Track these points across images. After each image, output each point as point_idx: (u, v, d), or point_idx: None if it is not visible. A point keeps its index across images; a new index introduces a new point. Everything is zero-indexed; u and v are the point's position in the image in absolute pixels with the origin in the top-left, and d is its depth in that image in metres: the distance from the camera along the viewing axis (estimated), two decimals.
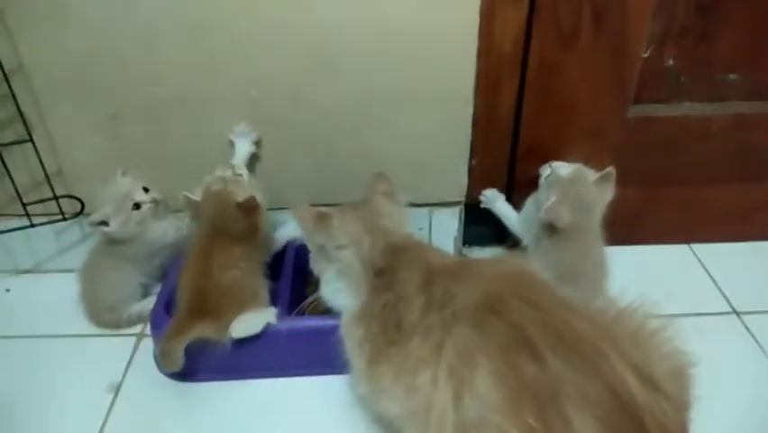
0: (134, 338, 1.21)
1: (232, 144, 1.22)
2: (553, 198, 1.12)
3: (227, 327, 1.00)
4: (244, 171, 1.17)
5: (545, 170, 1.21)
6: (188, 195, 1.12)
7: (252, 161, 1.24)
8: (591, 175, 1.16)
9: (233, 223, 1.08)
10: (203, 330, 0.99)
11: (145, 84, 1.16)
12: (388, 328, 0.83)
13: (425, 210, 1.32)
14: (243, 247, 1.10)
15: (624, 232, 1.30)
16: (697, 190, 1.33)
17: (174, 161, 1.26)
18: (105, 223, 1.16)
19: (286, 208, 1.12)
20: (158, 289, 1.25)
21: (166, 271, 1.24)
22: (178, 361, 0.98)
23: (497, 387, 0.68)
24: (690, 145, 1.27)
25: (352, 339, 0.89)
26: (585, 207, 1.14)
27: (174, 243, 1.24)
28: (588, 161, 1.19)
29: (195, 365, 1.06)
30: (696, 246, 1.41)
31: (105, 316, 1.22)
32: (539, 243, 1.17)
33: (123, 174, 1.20)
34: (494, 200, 1.32)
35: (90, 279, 1.23)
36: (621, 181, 1.27)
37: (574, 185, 1.14)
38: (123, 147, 1.24)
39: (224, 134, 1.21)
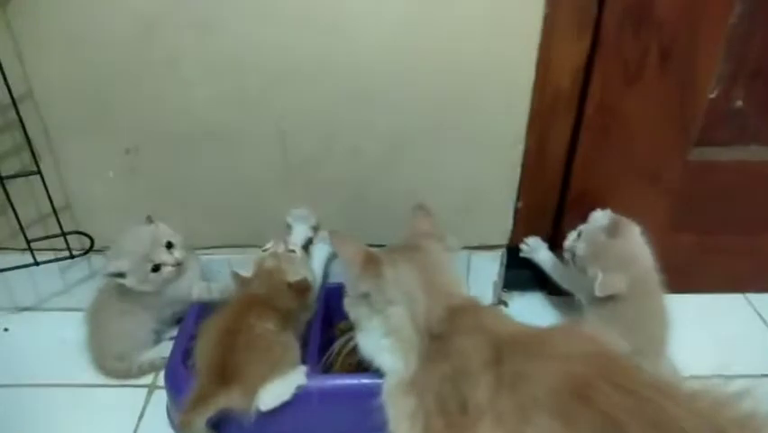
0: (145, 390, 1.10)
1: (288, 227, 1.15)
2: (599, 273, 1.02)
3: (254, 394, 0.89)
4: (298, 249, 1.09)
5: (572, 236, 1.11)
6: (238, 272, 1.03)
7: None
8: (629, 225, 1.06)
9: (282, 301, 1.00)
10: (228, 400, 0.87)
11: (166, 116, 1.06)
12: (447, 407, 0.73)
13: (463, 253, 1.21)
14: (283, 317, 1.00)
15: (677, 279, 1.20)
16: (756, 239, 1.23)
17: (195, 199, 1.16)
18: (121, 275, 1.05)
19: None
20: (171, 333, 1.16)
21: (182, 315, 1.13)
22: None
23: None
24: (751, 191, 1.17)
25: (399, 411, 0.79)
26: (631, 260, 1.04)
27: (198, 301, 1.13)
28: (642, 209, 1.09)
29: (215, 428, 0.95)
30: (751, 296, 1.31)
31: (113, 364, 1.10)
32: (591, 300, 1.07)
33: (149, 221, 1.09)
34: (537, 250, 1.23)
35: (98, 323, 1.12)
36: (676, 227, 1.19)
37: (614, 245, 1.05)
38: (140, 183, 1.13)
39: (251, 172, 1.12)
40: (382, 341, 0.83)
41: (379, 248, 0.88)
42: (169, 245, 1.07)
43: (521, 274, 1.29)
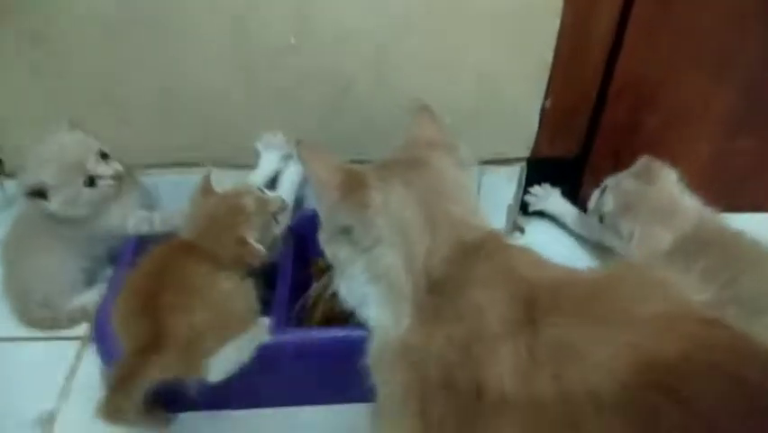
0: (77, 343, 0.88)
1: (257, 154, 0.92)
2: (635, 228, 0.83)
3: (197, 356, 0.67)
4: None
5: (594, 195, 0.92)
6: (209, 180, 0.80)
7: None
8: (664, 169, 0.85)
9: (223, 249, 0.75)
10: (162, 369, 0.65)
11: None
12: (457, 387, 0.50)
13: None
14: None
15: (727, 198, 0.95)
16: None
17: (130, 106, 0.90)
18: (42, 194, 0.81)
19: None
20: (107, 275, 0.93)
21: (119, 251, 0.90)
22: (134, 416, 0.66)
23: None
24: None
25: (388, 382, 0.57)
26: (672, 210, 0.83)
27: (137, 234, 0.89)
28: (698, 109, 0.87)
29: (164, 394, 0.73)
30: None
31: (37, 312, 0.88)
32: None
33: (72, 127, 0.83)
34: (548, 199, 1.02)
35: (15, 263, 0.90)
36: (733, 132, 0.93)
37: (650, 195, 0.84)
38: (56, 85, 0.88)
39: (198, 69, 0.85)
40: (367, 289, 0.60)
41: (365, 164, 0.63)
42: (104, 155, 0.84)
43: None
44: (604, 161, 0.98)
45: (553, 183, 1.04)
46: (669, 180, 0.85)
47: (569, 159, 1.00)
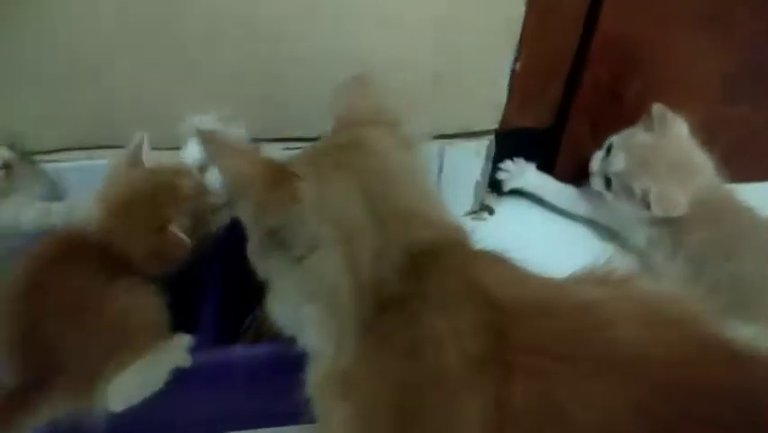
0: None
1: (182, 139, 0.76)
2: (651, 186, 0.73)
3: (98, 386, 0.54)
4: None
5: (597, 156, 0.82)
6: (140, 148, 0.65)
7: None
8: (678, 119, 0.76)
9: (137, 236, 0.61)
10: (56, 403, 0.53)
11: None
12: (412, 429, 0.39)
13: (434, 145, 0.83)
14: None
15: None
16: None
17: (17, 82, 0.73)
18: None
19: None
20: None
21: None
22: None
23: None
24: None
25: (329, 415, 0.46)
26: (690, 166, 0.75)
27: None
28: (690, 73, 0.79)
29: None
30: None
31: None
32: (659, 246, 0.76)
33: None
34: (523, 175, 0.91)
35: None
36: (729, 98, 0.83)
37: (666, 149, 0.75)
38: None
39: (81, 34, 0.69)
40: (303, 309, 0.48)
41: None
42: None
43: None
44: (582, 132, 0.86)
45: (525, 157, 0.92)
46: (684, 133, 0.76)
47: (541, 130, 0.88)
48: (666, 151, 0.75)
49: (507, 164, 0.91)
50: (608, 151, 0.80)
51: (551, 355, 0.35)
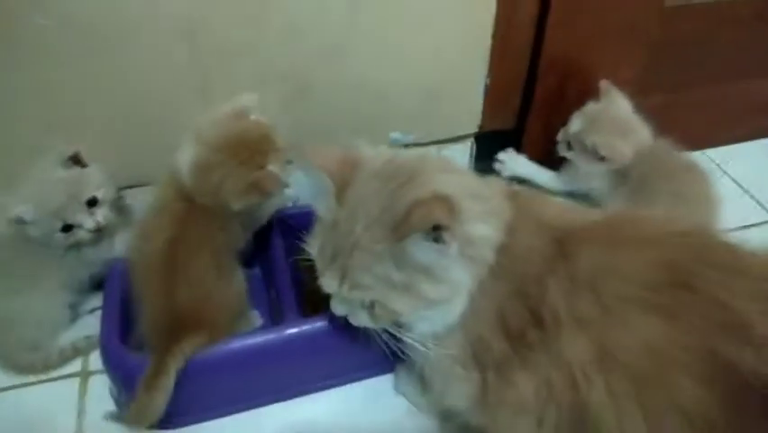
0: (75, 382, 0.85)
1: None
2: (596, 138, 0.95)
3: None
4: None
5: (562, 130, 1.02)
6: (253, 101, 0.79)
7: None
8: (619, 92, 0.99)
9: (241, 175, 0.74)
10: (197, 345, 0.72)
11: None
12: (513, 327, 0.59)
13: (431, 148, 1.05)
14: (220, 230, 0.78)
15: None
16: (721, 88, 1.18)
17: (91, 129, 0.87)
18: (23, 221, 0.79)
19: None
20: (89, 305, 0.92)
21: (102, 276, 0.87)
22: (160, 413, 0.70)
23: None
24: (722, 36, 1.10)
25: (445, 361, 0.64)
26: (629, 127, 0.98)
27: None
28: (614, 72, 1.01)
29: (179, 402, 0.74)
30: (710, 152, 1.28)
31: (25, 357, 0.85)
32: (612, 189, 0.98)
33: (72, 162, 0.81)
34: (516, 162, 1.10)
35: None
36: (645, 89, 1.09)
37: (610, 112, 0.97)
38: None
39: (147, 80, 0.85)
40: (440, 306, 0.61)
41: None
42: (93, 202, 0.82)
43: (491, 164, 1.15)
44: (537, 131, 1.10)
45: (495, 154, 1.15)
46: (625, 102, 0.98)
47: (507, 131, 1.12)
48: (610, 113, 0.97)
49: (501, 155, 1.11)
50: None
51: (591, 246, 0.57)
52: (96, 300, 0.90)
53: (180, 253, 0.74)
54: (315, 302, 0.87)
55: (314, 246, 0.64)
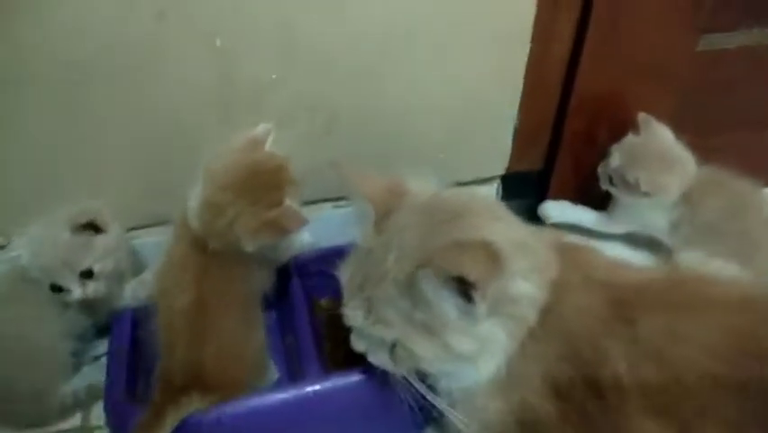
0: None
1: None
2: (640, 173, 0.91)
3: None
4: None
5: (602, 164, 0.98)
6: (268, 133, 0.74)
7: None
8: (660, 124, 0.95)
9: (256, 213, 0.68)
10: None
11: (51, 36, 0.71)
12: (566, 392, 0.54)
13: None
14: (243, 279, 0.73)
15: None
16: (752, 134, 1.14)
17: (102, 162, 0.83)
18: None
19: None
20: (93, 351, 0.86)
21: (107, 321, 0.82)
22: None
23: None
24: (752, 81, 1.07)
25: (483, 416, 0.59)
26: (673, 159, 0.93)
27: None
28: (646, 109, 0.97)
29: None
30: None
31: (25, 408, 0.78)
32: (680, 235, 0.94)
33: (78, 229, 0.76)
34: (561, 211, 1.06)
35: None
36: (677, 129, 1.05)
37: (650, 144, 0.93)
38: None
39: (175, 113, 0.81)
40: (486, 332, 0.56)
41: None
42: (88, 274, 0.76)
43: (516, 206, 1.09)
44: (566, 172, 1.06)
45: (521, 196, 1.11)
46: (667, 133, 0.94)
47: (534, 172, 1.08)
48: (651, 146, 0.92)
49: (549, 205, 1.07)
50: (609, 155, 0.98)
51: (652, 307, 0.52)
52: (101, 346, 0.84)
53: (208, 315, 0.69)
54: (336, 353, 0.82)
55: (344, 274, 0.61)
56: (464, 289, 0.49)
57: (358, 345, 0.61)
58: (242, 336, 0.71)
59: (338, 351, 0.82)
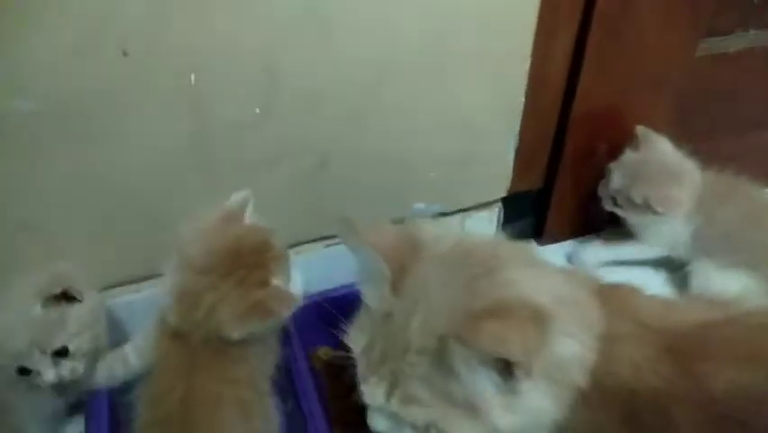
0: None
1: None
2: (648, 192, 0.86)
3: None
4: None
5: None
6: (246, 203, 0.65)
7: None
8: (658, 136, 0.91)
9: (242, 297, 0.60)
10: None
11: None
12: None
13: (456, 218, 0.94)
14: (239, 363, 0.64)
15: None
16: (754, 137, 1.11)
17: (68, 229, 0.73)
18: None
19: None
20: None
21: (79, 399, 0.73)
22: None
23: None
24: (752, 85, 1.04)
25: None
26: (678, 172, 0.89)
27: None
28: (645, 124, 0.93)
29: None
30: None
31: None
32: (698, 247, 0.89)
33: (50, 302, 0.64)
34: (598, 254, 1.00)
35: None
36: (675, 137, 1.01)
37: (652, 159, 0.89)
38: None
39: (144, 162, 0.72)
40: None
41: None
42: (62, 353, 0.65)
43: (516, 227, 1.04)
44: (566, 190, 1.01)
45: (520, 216, 1.05)
46: (666, 145, 0.89)
47: (533, 192, 1.02)
48: (652, 160, 0.87)
49: (582, 254, 1.01)
50: (608, 174, 0.92)
51: (719, 357, 0.46)
52: (74, 426, 0.74)
53: (197, 412, 0.60)
54: (342, 414, 0.74)
55: (357, 342, 0.53)
56: (505, 365, 0.43)
57: (378, 424, 0.53)
58: None
59: (343, 406, 0.74)
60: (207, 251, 0.60)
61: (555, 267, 0.54)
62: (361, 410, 0.75)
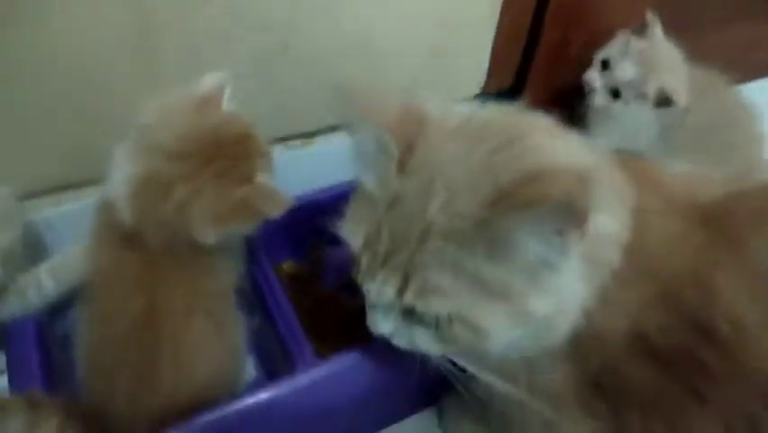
0: None
1: None
2: (665, 80, 0.80)
3: None
4: None
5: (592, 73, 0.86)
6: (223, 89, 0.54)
7: None
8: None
9: (223, 190, 0.50)
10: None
11: None
12: (667, 349, 0.44)
13: None
14: (205, 275, 0.55)
15: None
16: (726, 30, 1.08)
17: None
18: None
19: None
20: None
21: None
22: None
23: None
24: None
25: (547, 387, 0.48)
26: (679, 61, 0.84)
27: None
28: (622, 18, 0.87)
29: None
30: None
31: None
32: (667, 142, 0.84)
33: None
34: None
35: None
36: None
37: (662, 49, 0.83)
38: None
39: (81, 50, 0.58)
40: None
41: None
42: None
43: None
44: (539, 87, 0.95)
45: None
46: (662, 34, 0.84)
47: (505, 90, 0.96)
48: (663, 51, 0.83)
49: None
50: (604, 65, 0.85)
51: (753, 223, 0.44)
52: None
53: (162, 330, 0.51)
54: (309, 329, 0.66)
55: (356, 235, 0.46)
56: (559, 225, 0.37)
57: (382, 326, 0.47)
58: (214, 349, 0.54)
59: (310, 320, 0.67)
60: (181, 136, 0.50)
61: (578, 136, 0.48)
62: (329, 323, 0.71)
